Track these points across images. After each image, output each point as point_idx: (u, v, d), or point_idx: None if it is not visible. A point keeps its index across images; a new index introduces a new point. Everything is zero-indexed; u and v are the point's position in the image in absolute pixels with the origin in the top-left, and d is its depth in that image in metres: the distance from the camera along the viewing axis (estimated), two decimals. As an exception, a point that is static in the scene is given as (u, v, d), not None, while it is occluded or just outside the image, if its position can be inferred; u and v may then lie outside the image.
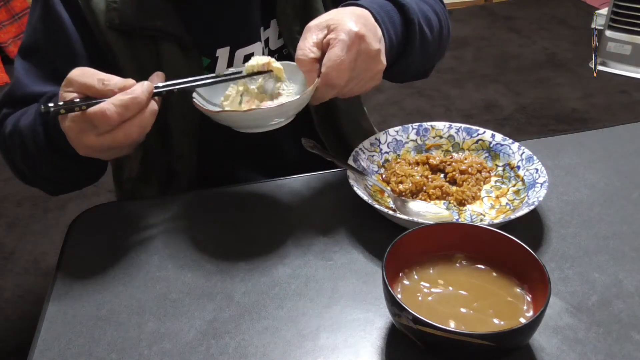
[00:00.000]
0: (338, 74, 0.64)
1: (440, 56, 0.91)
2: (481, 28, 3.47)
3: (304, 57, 0.65)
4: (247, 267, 0.67)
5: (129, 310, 0.62)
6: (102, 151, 0.64)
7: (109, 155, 0.66)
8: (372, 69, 0.68)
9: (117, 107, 0.59)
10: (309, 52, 0.64)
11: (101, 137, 0.61)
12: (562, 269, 0.65)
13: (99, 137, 0.61)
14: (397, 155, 0.82)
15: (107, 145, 0.62)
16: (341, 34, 0.64)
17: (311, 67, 0.65)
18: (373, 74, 0.68)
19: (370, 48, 0.65)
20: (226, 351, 0.57)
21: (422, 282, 0.57)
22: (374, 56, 0.66)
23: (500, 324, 0.53)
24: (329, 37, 0.65)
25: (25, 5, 3.01)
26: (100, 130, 0.61)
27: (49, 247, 1.90)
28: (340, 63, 0.63)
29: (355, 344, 0.57)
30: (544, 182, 0.71)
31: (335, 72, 0.64)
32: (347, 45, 0.63)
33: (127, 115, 0.60)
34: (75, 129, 0.62)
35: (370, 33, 0.65)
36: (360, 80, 0.68)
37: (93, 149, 0.63)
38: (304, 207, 0.77)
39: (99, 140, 0.61)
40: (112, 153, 0.66)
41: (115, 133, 0.61)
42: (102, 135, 0.61)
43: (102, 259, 0.69)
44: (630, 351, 0.55)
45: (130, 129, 0.61)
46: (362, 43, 0.64)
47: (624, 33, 2.75)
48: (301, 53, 0.65)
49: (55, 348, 0.58)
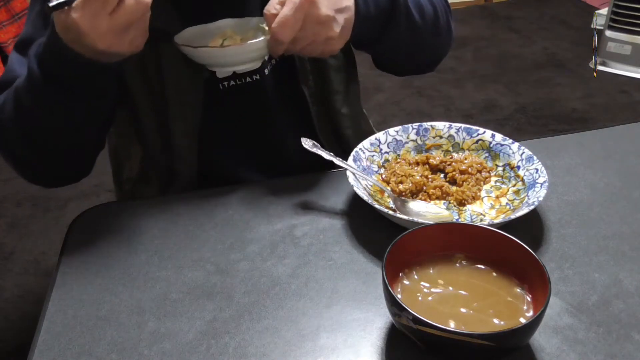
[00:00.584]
0: (281, 31, 0.68)
1: (441, 49, 0.92)
2: (481, 28, 3.47)
3: (267, 12, 0.69)
4: (247, 267, 0.67)
5: (129, 310, 0.62)
6: (120, 34, 0.63)
7: (128, 42, 0.65)
8: (322, 34, 0.71)
9: None
10: (272, 8, 0.69)
11: (113, 15, 0.61)
12: (562, 269, 0.65)
13: (112, 15, 0.61)
14: (397, 155, 0.82)
15: (123, 21, 0.62)
16: None
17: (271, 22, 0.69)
18: (324, 39, 0.71)
19: (319, 13, 0.69)
20: (226, 351, 0.57)
21: (422, 282, 0.57)
22: (323, 22, 0.69)
23: (500, 324, 0.53)
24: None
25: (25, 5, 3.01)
26: (110, 4, 0.60)
27: (49, 247, 1.90)
28: (284, 21, 0.67)
29: (355, 344, 0.57)
30: (544, 182, 0.71)
31: (279, 28, 0.68)
32: (295, 6, 0.67)
33: None
34: (87, 16, 0.61)
35: (325, 0, 0.69)
36: (312, 43, 0.71)
37: (111, 32, 0.63)
38: (304, 207, 0.77)
39: (113, 18, 0.61)
40: (131, 38, 0.65)
41: (125, 5, 0.61)
42: (114, 12, 0.61)
43: (102, 259, 0.70)
44: (630, 351, 0.55)
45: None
46: (311, 7, 0.68)
47: (624, 33, 2.75)
48: (266, 8, 0.69)
49: (55, 348, 0.58)
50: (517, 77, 2.85)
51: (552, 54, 3.08)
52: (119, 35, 0.64)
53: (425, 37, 0.85)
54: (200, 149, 0.87)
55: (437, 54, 0.93)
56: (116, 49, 0.65)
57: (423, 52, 0.90)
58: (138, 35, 0.66)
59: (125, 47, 0.66)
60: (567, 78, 2.82)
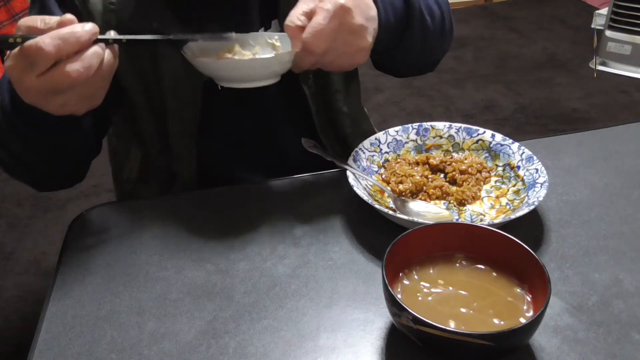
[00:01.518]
0: (316, 41, 0.65)
1: (443, 50, 0.91)
2: (481, 28, 3.47)
3: (290, 24, 0.66)
4: (247, 267, 0.67)
5: (129, 310, 0.62)
6: (46, 95, 0.61)
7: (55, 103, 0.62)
8: (354, 44, 0.68)
9: (53, 40, 0.57)
10: (297, 19, 0.66)
11: (41, 77, 0.58)
12: (562, 269, 0.65)
13: (38, 77, 0.58)
14: (397, 155, 0.82)
15: (47, 86, 0.59)
16: (327, 4, 0.65)
17: (296, 34, 0.66)
18: (355, 50, 0.69)
19: (354, 22, 0.66)
20: (226, 351, 0.57)
21: (422, 282, 0.57)
22: (357, 31, 0.67)
23: (500, 324, 0.53)
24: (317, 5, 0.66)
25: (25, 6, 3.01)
26: (39, 66, 0.58)
27: (49, 247, 1.90)
28: (319, 30, 0.64)
29: (355, 344, 0.57)
30: (544, 182, 0.71)
31: (313, 39, 0.65)
32: (329, 15, 0.64)
33: (64, 49, 0.57)
34: (16, 68, 0.59)
35: (358, 9, 0.66)
36: (342, 54, 0.68)
37: (35, 91, 0.60)
38: (304, 207, 0.77)
39: (39, 80, 0.58)
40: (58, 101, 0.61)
41: (54, 71, 0.58)
42: (42, 74, 0.58)
43: (102, 259, 0.70)
44: (630, 351, 0.55)
45: (70, 66, 0.58)
46: (346, 15, 0.65)
47: (624, 33, 2.75)
48: (289, 20, 0.66)
49: (55, 348, 0.58)
50: (517, 77, 2.85)
51: (552, 54, 3.08)
52: (45, 97, 0.61)
53: (434, 40, 0.84)
54: (200, 149, 0.87)
55: (440, 54, 0.92)
56: (43, 107, 0.62)
57: (430, 54, 0.89)
58: (72, 102, 0.62)
59: (53, 109, 0.62)
60: (567, 78, 2.82)
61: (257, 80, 0.70)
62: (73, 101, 0.62)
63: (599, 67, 2.87)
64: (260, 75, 0.70)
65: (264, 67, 0.68)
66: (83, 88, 0.61)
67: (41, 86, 0.59)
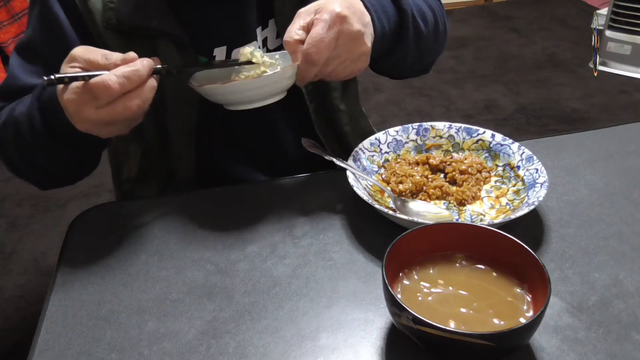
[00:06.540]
0: (317, 51, 0.66)
1: (437, 53, 0.92)
2: (481, 28, 3.47)
3: (289, 39, 0.67)
4: (247, 267, 0.67)
5: (129, 310, 0.62)
6: (101, 126, 0.64)
7: (107, 131, 0.66)
8: (355, 50, 0.69)
9: (118, 78, 0.60)
10: (295, 34, 0.67)
11: (101, 110, 0.62)
12: (562, 269, 0.65)
13: (98, 110, 0.62)
14: (397, 155, 0.82)
15: (106, 118, 0.63)
16: (324, 15, 0.66)
17: (296, 48, 0.67)
18: (356, 56, 0.70)
19: (352, 29, 0.67)
20: (226, 351, 0.57)
21: (422, 282, 0.57)
22: (356, 37, 0.68)
23: (500, 324, 0.53)
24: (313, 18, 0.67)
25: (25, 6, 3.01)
26: (101, 101, 0.61)
27: (49, 247, 1.90)
28: (319, 40, 0.65)
29: (355, 344, 0.57)
30: (544, 182, 0.71)
31: (314, 49, 0.66)
32: (328, 25, 0.65)
33: (128, 86, 0.61)
34: (76, 101, 0.62)
35: (354, 16, 0.67)
36: (344, 61, 0.69)
37: (92, 122, 0.63)
38: (304, 207, 0.77)
39: (99, 113, 0.62)
40: (111, 129, 0.66)
41: (115, 105, 0.62)
42: (102, 107, 0.62)
43: (102, 259, 0.70)
44: (630, 351, 0.55)
45: (130, 101, 0.62)
46: (343, 23, 0.66)
47: (624, 33, 2.75)
48: (287, 35, 0.68)
49: (55, 348, 0.58)
50: (517, 77, 2.85)
51: (552, 54, 3.08)
52: (100, 127, 0.65)
53: (428, 44, 0.85)
54: (199, 148, 0.87)
55: (434, 57, 0.92)
56: (95, 134, 0.66)
57: (425, 58, 0.89)
58: (122, 129, 0.67)
59: (105, 135, 0.67)
60: (567, 78, 2.82)
61: (264, 99, 0.71)
62: (123, 128, 0.67)
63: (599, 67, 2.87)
64: (267, 93, 0.71)
65: (270, 84, 0.69)
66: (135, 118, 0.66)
67: (100, 118, 0.63)
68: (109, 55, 0.63)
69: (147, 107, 0.65)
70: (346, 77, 0.73)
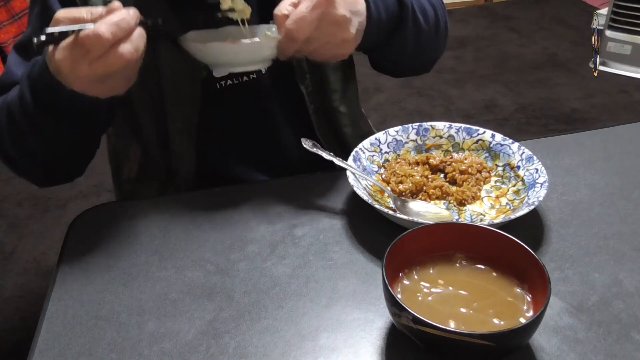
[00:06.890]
0: (297, 28, 0.67)
1: (438, 51, 0.92)
2: (481, 28, 3.47)
3: (278, 12, 0.68)
4: (247, 267, 0.67)
5: (129, 310, 0.62)
6: (97, 82, 0.64)
7: (104, 89, 0.66)
8: (337, 35, 0.69)
9: (109, 27, 0.59)
10: (284, 9, 0.68)
11: (94, 64, 0.61)
12: (562, 269, 0.65)
13: (91, 64, 0.61)
14: (397, 155, 0.82)
15: (101, 71, 0.62)
16: None
17: (282, 22, 0.68)
18: (339, 41, 0.70)
19: (337, 13, 0.67)
20: (226, 351, 0.57)
21: (422, 282, 0.57)
22: (340, 22, 0.68)
23: (500, 324, 0.53)
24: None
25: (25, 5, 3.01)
26: (94, 54, 0.60)
27: (49, 247, 1.90)
28: (300, 19, 0.66)
29: (355, 344, 0.57)
30: (544, 182, 0.71)
31: (295, 26, 0.66)
32: (313, 5, 0.66)
33: (119, 34, 0.60)
34: (68, 59, 0.61)
35: (343, 1, 0.68)
36: (326, 44, 0.70)
37: (87, 79, 0.63)
38: (304, 207, 0.77)
39: (92, 67, 0.61)
40: (107, 87, 0.65)
41: (107, 56, 0.61)
42: (95, 61, 0.61)
43: (102, 259, 0.70)
44: (630, 351, 0.55)
45: (122, 50, 0.61)
46: (329, 6, 0.67)
47: (624, 33, 2.75)
48: (277, 9, 0.68)
49: (55, 348, 0.58)
50: (517, 77, 2.85)
51: (552, 54, 3.08)
52: (96, 83, 0.64)
53: (428, 40, 0.85)
54: (199, 148, 0.87)
55: (436, 55, 0.93)
56: (92, 93, 0.66)
57: (424, 54, 0.90)
58: (118, 84, 0.66)
59: (102, 93, 0.67)
60: (567, 78, 2.82)
61: (243, 64, 0.73)
62: (119, 83, 0.66)
63: (599, 67, 2.87)
64: (246, 60, 0.72)
65: (250, 51, 0.71)
66: (128, 69, 0.65)
67: (94, 72, 0.62)
68: (94, 10, 0.62)
69: (139, 57, 0.63)
70: (329, 59, 0.74)
